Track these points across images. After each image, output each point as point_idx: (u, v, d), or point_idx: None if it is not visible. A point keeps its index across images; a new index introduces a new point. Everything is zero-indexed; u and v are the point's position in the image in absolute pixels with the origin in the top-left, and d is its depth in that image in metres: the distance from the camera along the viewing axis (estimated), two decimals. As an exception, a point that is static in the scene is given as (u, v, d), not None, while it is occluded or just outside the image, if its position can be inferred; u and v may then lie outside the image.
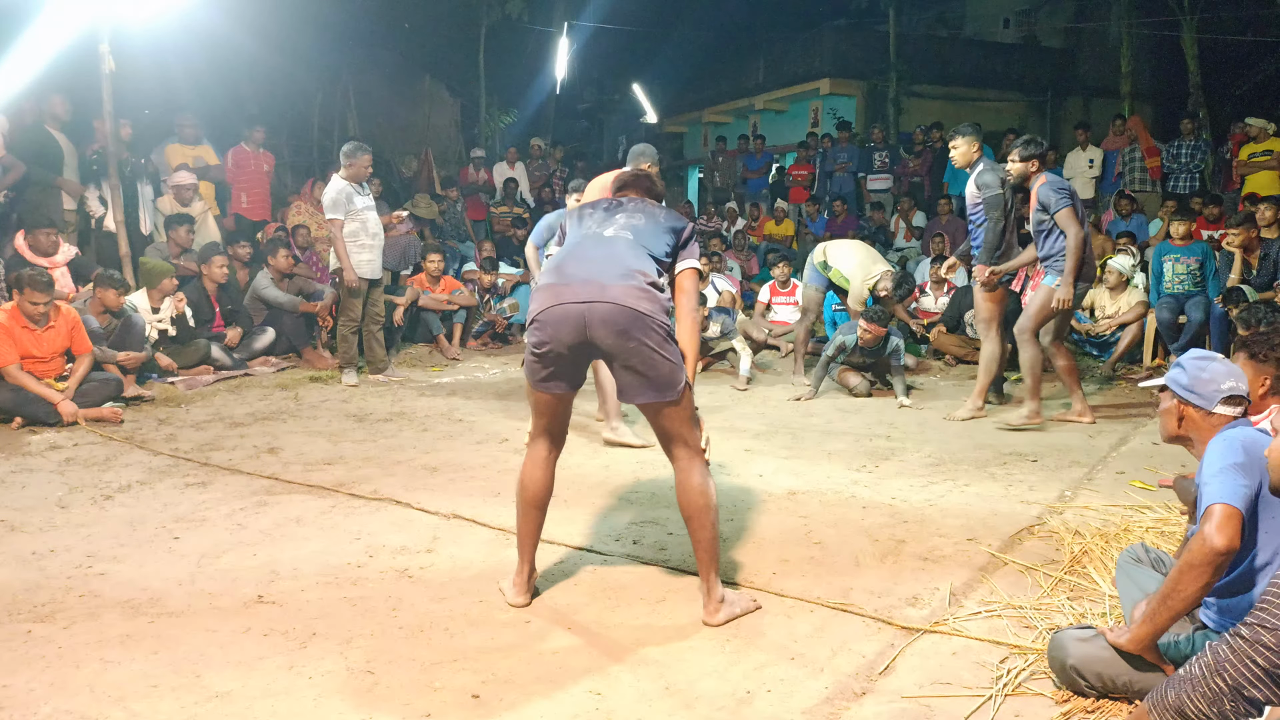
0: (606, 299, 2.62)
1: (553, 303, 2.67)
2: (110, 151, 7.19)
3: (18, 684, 2.40)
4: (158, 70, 8.66)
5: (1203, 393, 2.48)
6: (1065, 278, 5.15)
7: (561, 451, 2.97)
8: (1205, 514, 2.08)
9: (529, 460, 2.91)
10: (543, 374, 2.76)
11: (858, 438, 5.25)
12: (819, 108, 17.86)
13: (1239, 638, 1.86)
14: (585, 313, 2.63)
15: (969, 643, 2.64)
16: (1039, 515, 3.79)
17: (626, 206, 2.91)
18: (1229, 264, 6.97)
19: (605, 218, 2.88)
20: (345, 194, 6.52)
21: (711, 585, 2.77)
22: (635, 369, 2.66)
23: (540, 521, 2.92)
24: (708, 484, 2.77)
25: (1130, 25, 14.09)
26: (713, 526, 2.76)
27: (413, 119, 14.46)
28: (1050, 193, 5.18)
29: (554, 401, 2.82)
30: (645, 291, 2.66)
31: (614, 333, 2.62)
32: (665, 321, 2.69)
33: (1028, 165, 5.35)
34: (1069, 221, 5.13)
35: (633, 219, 2.85)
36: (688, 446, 2.77)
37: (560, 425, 2.90)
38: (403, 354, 8.07)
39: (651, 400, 2.71)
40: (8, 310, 5.36)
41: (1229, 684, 1.84)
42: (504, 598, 2.93)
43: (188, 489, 4.15)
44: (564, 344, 2.68)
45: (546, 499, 2.91)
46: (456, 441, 5.10)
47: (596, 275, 2.66)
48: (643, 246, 2.79)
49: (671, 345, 2.69)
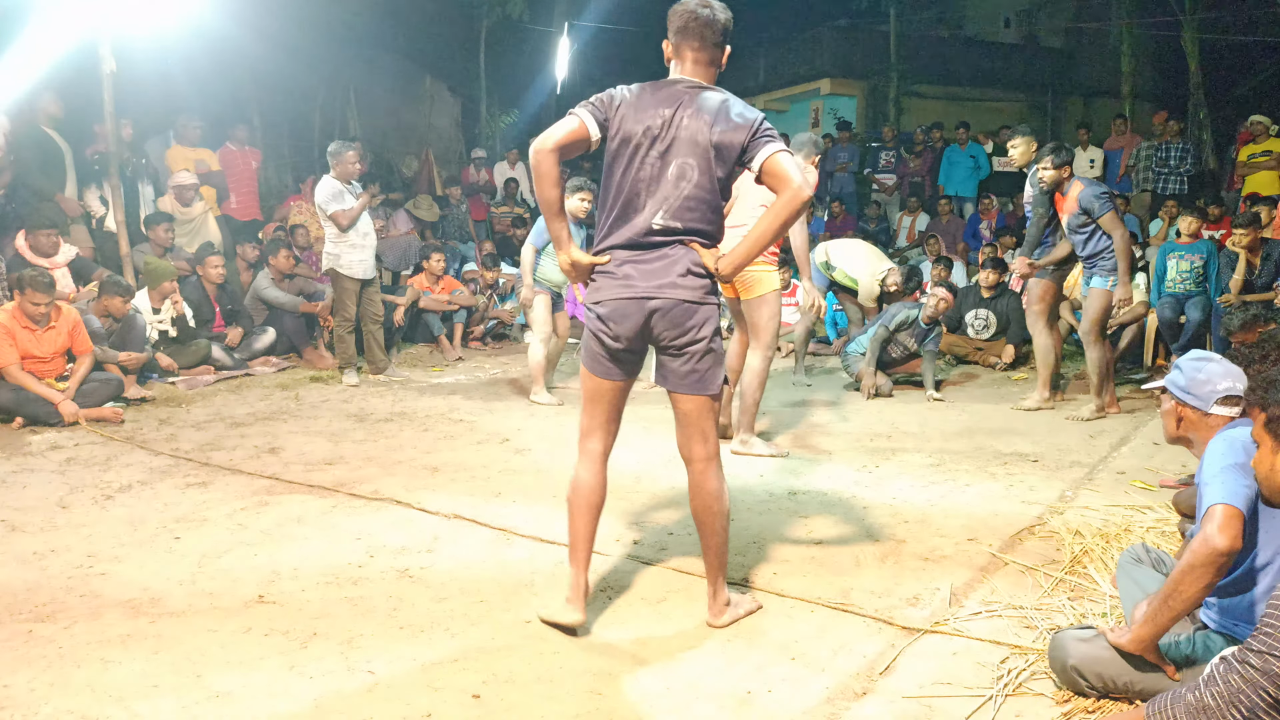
0: (663, 295, 2.57)
1: (618, 295, 2.61)
2: (111, 152, 7.19)
3: (18, 684, 2.40)
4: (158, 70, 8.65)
5: (1199, 394, 2.49)
6: (1122, 278, 5.40)
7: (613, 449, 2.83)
8: (1207, 514, 2.08)
9: (583, 459, 2.75)
10: (606, 361, 2.68)
11: (858, 438, 5.25)
12: (819, 108, 17.88)
13: (1249, 666, 1.83)
14: (645, 305, 2.58)
15: (970, 643, 2.64)
16: (1040, 515, 3.78)
17: (679, 127, 2.57)
18: (1230, 264, 6.96)
19: (658, 163, 2.58)
20: (338, 192, 6.52)
21: (718, 588, 2.77)
22: (683, 360, 2.63)
23: (595, 525, 2.76)
24: (723, 489, 2.73)
25: (1131, 25, 14.08)
26: (724, 531, 2.74)
27: (413, 119, 14.46)
28: (1093, 198, 5.41)
29: (612, 391, 2.72)
30: (697, 279, 2.60)
31: (670, 325, 2.59)
32: (715, 312, 2.66)
33: (1060, 172, 5.58)
34: (1115, 225, 5.38)
35: (686, 160, 2.56)
36: (707, 445, 2.71)
37: (616, 418, 2.78)
38: (403, 354, 8.07)
39: (689, 392, 2.67)
40: (9, 310, 5.37)
41: (1244, 715, 1.82)
42: (554, 618, 2.71)
43: (188, 489, 4.15)
44: (627, 334, 2.62)
45: (602, 500, 2.77)
46: (457, 442, 5.10)
47: (651, 276, 2.59)
48: (701, 201, 2.59)
49: (719, 338, 2.68)
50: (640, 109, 2.59)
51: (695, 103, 2.59)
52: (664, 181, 2.58)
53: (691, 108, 2.58)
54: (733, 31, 2.70)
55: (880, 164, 12.76)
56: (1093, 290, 5.57)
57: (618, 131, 2.60)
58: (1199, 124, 12.44)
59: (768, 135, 2.59)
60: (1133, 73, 14.09)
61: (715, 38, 2.65)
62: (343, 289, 6.70)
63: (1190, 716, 1.90)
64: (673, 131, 2.57)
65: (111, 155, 7.20)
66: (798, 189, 2.50)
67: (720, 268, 2.62)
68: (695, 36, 2.64)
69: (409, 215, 10.51)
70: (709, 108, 2.58)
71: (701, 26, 2.63)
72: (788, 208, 2.51)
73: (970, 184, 11.73)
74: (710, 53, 2.67)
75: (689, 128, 2.56)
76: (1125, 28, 14.16)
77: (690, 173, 2.57)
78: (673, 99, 2.60)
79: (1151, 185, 10.36)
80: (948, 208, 11.40)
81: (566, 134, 2.56)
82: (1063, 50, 18.81)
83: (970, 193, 11.70)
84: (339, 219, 6.48)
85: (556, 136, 2.55)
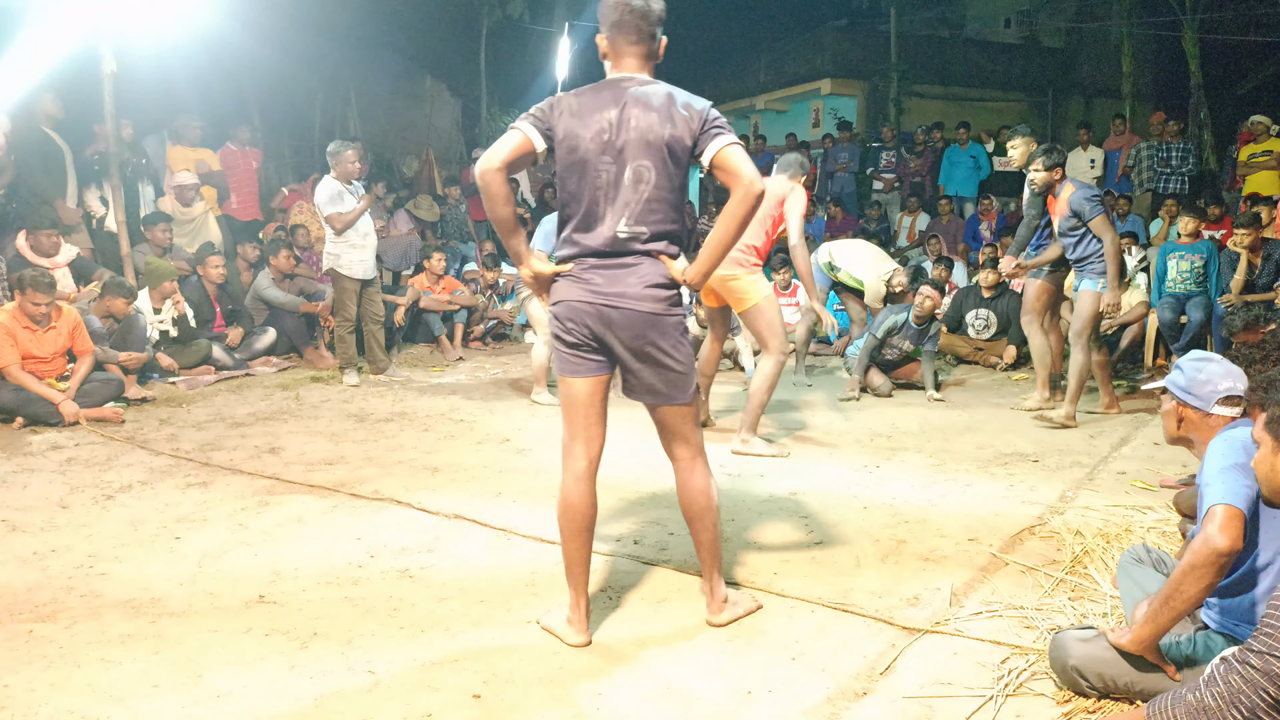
0: (624, 305, 2.51)
1: (576, 298, 2.55)
2: (111, 152, 7.19)
3: (19, 683, 2.40)
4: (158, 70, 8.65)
5: (1199, 394, 2.49)
6: (1110, 282, 5.35)
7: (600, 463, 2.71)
8: (1208, 515, 2.08)
9: (568, 477, 2.63)
10: (571, 358, 2.60)
11: (859, 438, 5.25)
12: (820, 108, 17.88)
13: (1249, 666, 1.83)
14: (603, 312, 2.52)
15: (970, 643, 2.64)
16: (1040, 515, 3.78)
17: (629, 128, 2.49)
18: (1231, 264, 6.96)
19: (612, 167, 2.50)
20: (338, 192, 6.52)
21: (715, 585, 2.76)
22: (647, 369, 2.58)
23: (589, 545, 2.65)
24: (709, 485, 2.72)
25: (1131, 25, 14.08)
26: (715, 527, 2.73)
27: (414, 119, 14.47)
28: (1083, 201, 5.36)
29: (585, 391, 2.61)
30: (662, 291, 2.54)
31: (634, 335, 2.53)
32: (680, 320, 2.60)
33: (1052, 174, 5.56)
34: (1104, 229, 5.34)
35: (641, 162, 2.49)
36: (689, 445, 2.69)
37: (598, 422, 2.65)
38: (404, 354, 8.07)
39: (660, 404, 2.65)
40: (9, 311, 5.37)
41: (1244, 715, 1.82)
42: (557, 635, 2.66)
43: (189, 489, 4.15)
44: (584, 335, 2.57)
45: (593, 519, 2.64)
46: (458, 442, 5.10)
47: (614, 283, 2.53)
48: (663, 202, 2.52)
49: (685, 347, 2.61)
50: (584, 114, 2.51)
51: (640, 101, 2.50)
52: (622, 186, 2.50)
53: (637, 106, 2.49)
54: (665, 20, 2.58)
55: (880, 164, 12.77)
56: (1082, 293, 5.54)
57: (564, 138, 2.52)
58: (1199, 124, 12.43)
59: (717, 128, 2.51)
60: (1133, 73, 14.09)
61: (650, 29, 2.56)
62: (343, 289, 6.70)
63: (1191, 717, 1.90)
64: (623, 134, 2.49)
65: (111, 155, 7.20)
66: (750, 184, 2.42)
67: (687, 278, 2.56)
68: (631, 30, 2.54)
69: (409, 215, 10.51)
70: (655, 104, 2.50)
71: (637, 19, 2.53)
72: (742, 205, 2.44)
73: (971, 184, 11.73)
74: (647, 45, 2.57)
75: (638, 128, 2.48)
76: (1125, 28, 14.16)
77: (647, 174, 2.50)
78: (616, 99, 2.51)
79: (1152, 185, 10.36)
80: (948, 208, 11.40)
81: (511, 150, 2.49)
82: (1063, 50, 18.79)
83: (971, 193, 11.70)
84: (334, 221, 6.49)
85: (502, 154, 2.48)
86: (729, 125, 2.55)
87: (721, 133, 2.50)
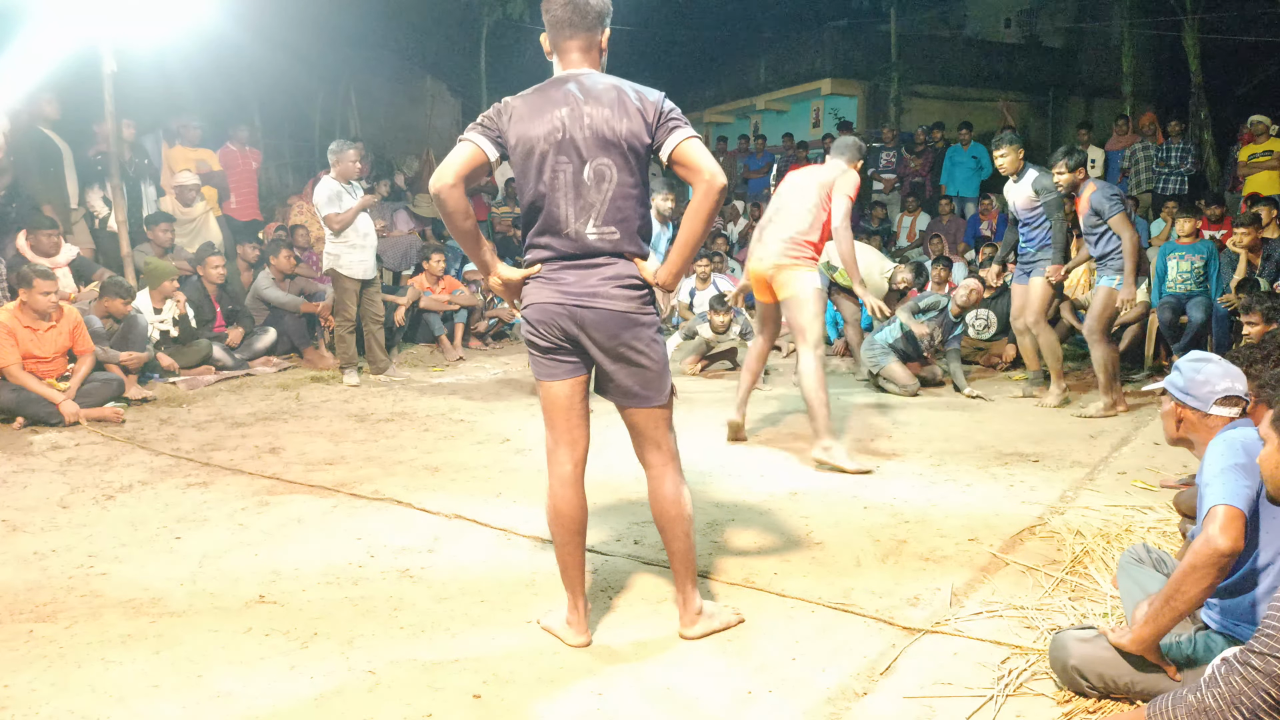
0: (597, 305, 2.47)
1: (547, 300, 2.52)
2: (113, 152, 7.20)
3: (19, 684, 2.40)
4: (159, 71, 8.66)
5: (1198, 395, 2.49)
6: (1127, 278, 5.53)
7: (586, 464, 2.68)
8: (1209, 515, 2.08)
9: (554, 482, 2.61)
10: (545, 361, 2.56)
11: (859, 438, 5.24)
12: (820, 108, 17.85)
13: (1250, 667, 1.82)
14: (575, 312, 2.49)
15: (970, 643, 2.64)
16: (1040, 515, 3.78)
17: (582, 126, 2.43)
18: (1231, 264, 6.96)
19: (569, 168, 2.45)
20: (336, 192, 6.52)
21: (689, 597, 2.66)
22: (622, 370, 2.54)
23: (583, 549, 2.64)
24: (681, 492, 2.63)
25: (1132, 25, 14.07)
26: (688, 536, 2.64)
27: (414, 119, 14.46)
28: (1104, 199, 5.56)
29: (563, 395, 2.58)
30: (634, 290, 2.50)
31: (606, 335, 2.49)
32: (655, 320, 2.56)
33: (1075, 175, 5.73)
34: (1123, 226, 5.51)
35: (601, 160, 2.43)
36: (661, 451, 2.64)
37: (579, 426, 2.62)
38: (404, 354, 8.07)
39: (634, 406, 2.60)
40: (10, 310, 5.37)
41: (1245, 716, 1.82)
42: (558, 636, 2.66)
43: (189, 489, 4.15)
44: (556, 337, 2.53)
45: (584, 522, 2.62)
46: (458, 442, 5.10)
47: (585, 283, 2.49)
48: (628, 198, 2.47)
49: (659, 347, 2.57)
50: (534, 116, 2.45)
51: (590, 97, 2.44)
52: (584, 187, 2.44)
53: (589, 104, 2.43)
54: (610, 13, 2.53)
55: (881, 164, 12.77)
56: (1099, 288, 5.73)
57: (517, 143, 2.47)
58: (1200, 124, 12.42)
59: (674, 121, 2.44)
60: (1133, 73, 14.08)
61: (590, 22, 2.50)
62: (343, 289, 6.71)
63: (1191, 717, 1.90)
64: (577, 130, 2.42)
65: (113, 155, 7.21)
66: (710, 178, 2.37)
67: (659, 279, 2.53)
68: (570, 25, 2.49)
69: (410, 215, 10.51)
70: (606, 99, 2.43)
71: (574, 14, 2.48)
72: (705, 200, 2.39)
73: (972, 184, 11.74)
74: (589, 38, 2.52)
75: (592, 125, 2.42)
76: (1126, 28, 14.15)
77: (609, 172, 2.44)
78: (565, 97, 2.45)
79: (1152, 185, 10.36)
80: (949, 208, 11.41)
81: (464, 163, 2.44)
82: (1064, 51, 18.78)
83: (972, 193, 11.71)
84: (331, 222, 6.49)
85: (455, 168, 2.43)
86: (685, 118, 2.50)
87: (679, 126, 2.45)
